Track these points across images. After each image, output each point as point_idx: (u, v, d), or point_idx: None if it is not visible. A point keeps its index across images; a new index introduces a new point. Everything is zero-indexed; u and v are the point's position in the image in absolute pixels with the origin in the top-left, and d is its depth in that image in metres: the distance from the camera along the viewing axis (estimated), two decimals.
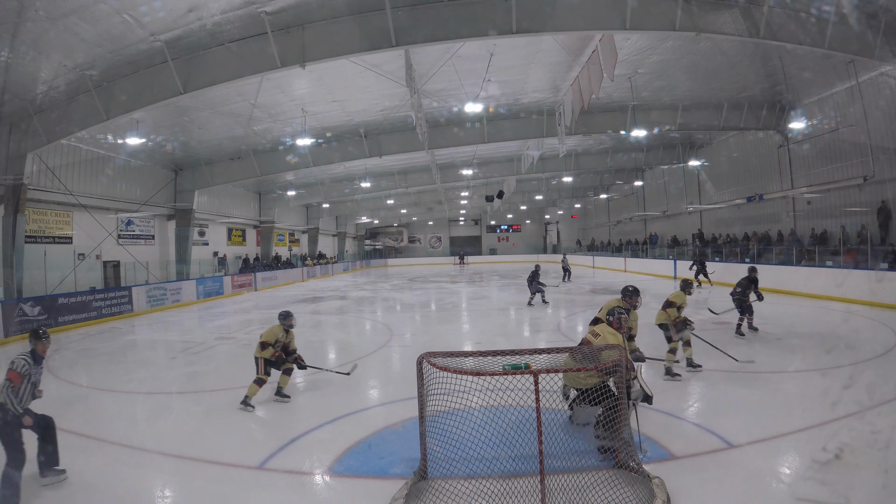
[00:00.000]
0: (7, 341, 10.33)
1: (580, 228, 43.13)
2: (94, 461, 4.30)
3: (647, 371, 6.39)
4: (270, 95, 13.23)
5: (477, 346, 8.58)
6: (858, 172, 14.31)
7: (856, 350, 7.52)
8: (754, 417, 4.70)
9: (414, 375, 3.70)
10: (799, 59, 13.16)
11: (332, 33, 9.36)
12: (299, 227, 33.13)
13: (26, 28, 8.50)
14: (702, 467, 3.82)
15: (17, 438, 3.74)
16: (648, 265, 25.20)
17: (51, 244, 14.54)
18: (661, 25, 9.24)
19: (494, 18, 8.98)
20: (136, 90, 10.57)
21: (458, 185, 30.52)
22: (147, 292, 15.43)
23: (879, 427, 4.43)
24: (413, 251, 51.16)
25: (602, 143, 22.71)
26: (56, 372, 7.62)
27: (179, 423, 5.32)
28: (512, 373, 3.32)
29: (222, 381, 6.83)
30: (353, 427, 4.80)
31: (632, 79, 13.87)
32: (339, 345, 10.18)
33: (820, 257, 14.82)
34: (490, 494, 3.31)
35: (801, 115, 15.80)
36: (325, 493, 3.74)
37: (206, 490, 3.78)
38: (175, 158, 18.44)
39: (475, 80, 13.02)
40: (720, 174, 22.00)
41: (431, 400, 3.61)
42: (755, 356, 7.29)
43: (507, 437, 3.65)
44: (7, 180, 11.88)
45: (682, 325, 6.33)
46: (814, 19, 9.73)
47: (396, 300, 17.63)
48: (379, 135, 17.15)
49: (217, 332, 11.17)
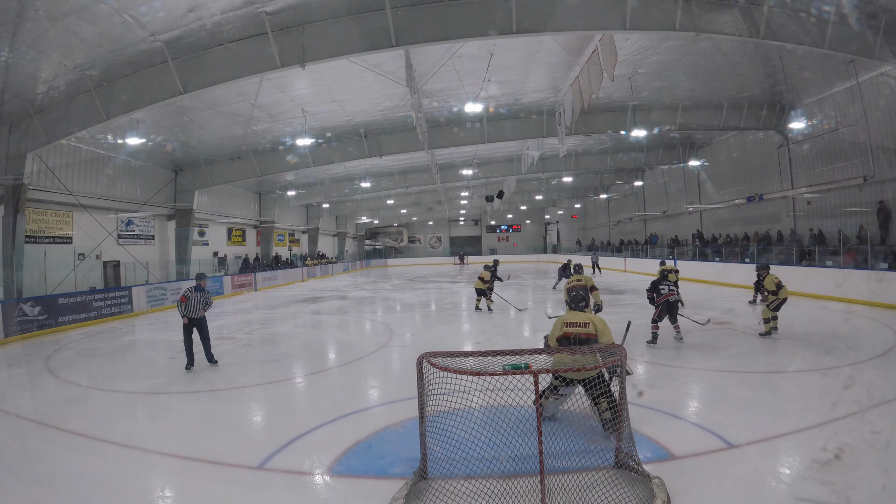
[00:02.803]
0: (7, 341, 10.32)
1: (580, 228, 43.13)
2: (94, 461, 4.30)
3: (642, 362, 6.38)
4: (270, 95, 13.23)
5: (477, 346, 8.58)
6: (858, 172, 14.31)
7: (856, 350, 7.51)
8: (754, 417, 4.70)
9: (414, 375, 3.70)
10: (799, 59, 13.16)
11: (332, 33, 9.36)
12: (299, 227, 33.14)
13: (26, 28, 8.50)
14: (702, 467, 3.81)
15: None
16: (649, 265, 25.19)
17: (51, 244, 14.55)
18: (661, 25, 9.24)
19: (494, 18, 8.99)
20: (136, 90, 10.57)
21: (458, 185, 30.53)
22: (147, 292, 15.43)
23: (879, 427, 4.42)
24: (413, 251, 51.18)
25: (602, 143, 22.71)
26: (56, 372, 7.63)
27: (179, 423, 5.31)
28: (512, 373, 3.32)
29: (222, 381, 6.83)
30: (353, 427, 4.80)
31: (632, 79, 13.88)
32: (339, 345, 10.18)
33: (820, 257, 14.82)
34: (490, 494, 3.31)
35: (801, 115, 15.80)
36: (325, 493, 3.74)
37: (206, 490, 3.77)
38: (175, 158, 18.44)
39: (475, 80, 13.02)
40: (720, 174, 22.00)
41: (431, 400, 3.61)
42: (755, 356, 7.30)
43: (507, 437, 3.65)
44: (7, 180, 11.89)
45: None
46: (814, 19, 9.73)
47: (396, 300, 17.63)
48: (379, 135, 17.16)
49: (217, 332, 11.12)
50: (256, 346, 9.49)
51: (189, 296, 7.37)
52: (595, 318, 4.55)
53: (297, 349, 9.49)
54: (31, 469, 4.09)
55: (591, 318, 4.51)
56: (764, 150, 18.86)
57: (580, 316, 4.56)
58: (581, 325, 4.46)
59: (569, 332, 4.48)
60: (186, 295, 7.38)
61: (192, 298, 7.37)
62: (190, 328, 7.39)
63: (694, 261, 21.60)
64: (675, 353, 7.48)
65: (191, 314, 7.35)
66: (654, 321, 7.97)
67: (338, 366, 8.05)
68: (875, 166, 13.70)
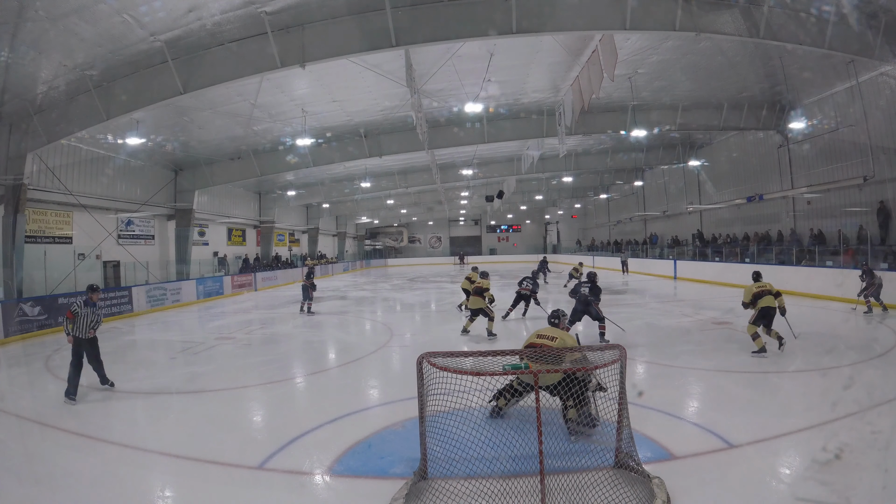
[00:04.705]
0: (7, 341, 10.32)
1: (580, 228, 43.14)
2: (94, 461, 4.30)
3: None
4: (270, 95, 13.23)
5: (477, 346, 8.58)
6: (858, 172, 14.31)
7: (856, 350, 7.51)
8: (754, 417, 4.70)
9: (414, 375, 3.70)
10: (799, 59, 13.16)
11: (332, 33, 9.36)
12: (299, 227, 33.13)
13: (26, 28, 8.49)
14: (702, 467, 3.82)
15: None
16: (649, 265, 25.21)
17: (51, 244, 14.54)
18: (661, 25, 9.24)
19: (494, 18, 8.98)
20: (136, 90, 10.57)
21: (458, 185, 30.52)
22: (147, 292, 15.42)
23: (879, 427, 4.42)
24: (413, 251, 51.16)
25: (602, 143, 22.70)
26: (56, 372, 7.63)
27: (179, 423, 5.31)
28: (512, 373, 3.33)
29: (222, 381, 6.83)
30: (353, 427, 4.80)
31: (632, 79, 13.87)
32: (339, 345, 10.18)
33: (820, 257, 14.82)
34: (490, 494, 3.31)
35: (801, 115, 15.81)
36: (325, 493, 3.74)
37: (206, 490, 3.78)
38: (175, 158, 18.43)
39: (475, 80, 13.02)
40: (720, 174, 22.00)
41: (431, 400, 3.61)
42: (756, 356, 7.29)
43: (507, 437, 3.65)
44: (7, 180, 11.88)
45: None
46: (814, 19, 9.73)
47: (396, 300, 17.64)
48: (379, 135, 17.15)
49: (217, 332, 11.17)
50: (256, 346, 9.49)
51: (77, 311, 6.03)
52: (566, 335, 4.89)
53: (297, 349, 9.49)
54: (31, 469, 4.09)
55: (560, 334, 4.86)
56: (764, 150, 18.86)
57: (551, 331, 4.95)
58: (549, 338, 4.76)
59: (535, 343, 4.80)
60: (74, 311, 6.04)
61: (80, 315, 6.02)
62: (78, 350, 5.98)
63: (694, 261, 21.61)
64: (675, 354, 7.48)
65: (78, 333, 5.99)
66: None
67: (338, 366, 8.05)
68: (875, 166, 13.70)
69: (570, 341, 4.80)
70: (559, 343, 4.63)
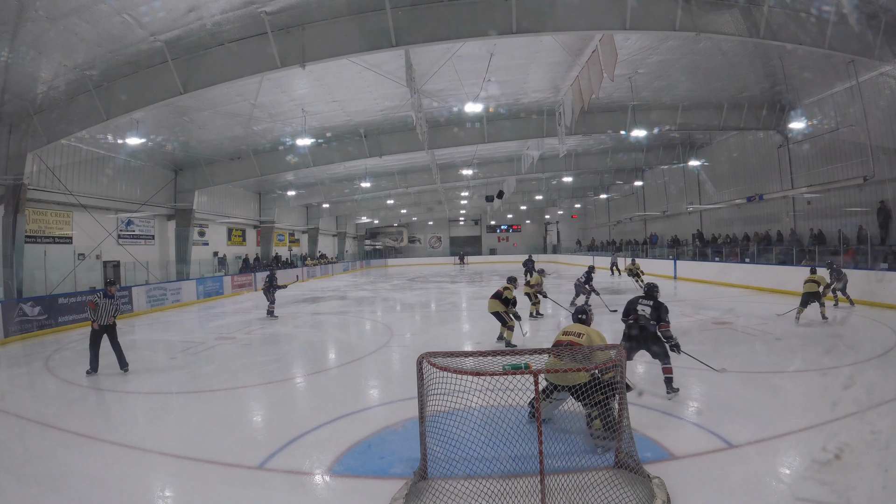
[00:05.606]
0: (7, 341, 10.32)
1: (580, 228, 43.13)
2: (94, 461, 4.30)
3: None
4: (270, 95, 13.23)
5: (477, 346, 8.58)
6: (858, 172, 14.31)
7: (856, 350, 7.51)
8: (754, 417, 4.70)
9: (414, 375, 3.70)
10: (799, 59, 13.15)
11: (332, 33, 9.36)
12: (299, 227, 33.13)
13: (26, 28, 8.49)
14: (702, 467, 3.82)
15: None
16: (648, 265, 25.17)
17: (51, 244, 14.54)
18: (661, 25, 9.25)
19: (494, 18, 8.98)
20: (136, 90, 10.57)
21: (458, 185, 30.52)
22: (147, 292, 15.42)
23: (879, 427, 4.42)
24: (413, 251, 51.16)
25: (602, 143, 22.70)
26: (56, 372, 7.63)
27: (179, 423, 5.31)
28: (512, 373, 3.33)
29: (222, 381, 6.83)
30: (353, 427, 4.80)
31: (632, 79, 13.88)
32: (339, 345, 10.18)
33: (820, 257, 14.82)
34: (490, 494, 3.31)
35: (801, 115, 15.80)
36: (325, 493, 3.74)
37: (206, 490, 3.77)
38: (175, 158, 18.43)
39: (475, 80, 13.02)
40: (720, 174, 22.00)
41: (431, 400, 3.61)
42: (755, 356, 7.30)
43: (507, 437, 3.65)
44: (7, 180, 11.88)
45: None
46: (814, 19, 9.73)
47: (396, 300, 17.63)
48: (379, 135, 17.15)
49: (217, 332, 11.16)
50: (256, 346, 9.49)
51: (98, 302, 7.27)
52: (593, 331, 4.66)
53: (297, 349, 9.49)
54: (31, 469, 4.09)
55: (587, 330, 4.65)
56: (764, 150, 18.86)
57: (578, 327, 4.75)
58: (575, 334, 4.59)
59: (561, 340, 4.62)
60: (95, 301, 7.29)
61: (101, 305, 7.27)
62: (99, 334, 7.25)
63: (694, 261, 21.62)
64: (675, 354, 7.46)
65: (101, 321, 7.25)
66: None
67: (338, 366, 8.05)
68: (875, 166, 13.70)
69: (598, 338, 4.53)
70: (586, 340, 4.46)
